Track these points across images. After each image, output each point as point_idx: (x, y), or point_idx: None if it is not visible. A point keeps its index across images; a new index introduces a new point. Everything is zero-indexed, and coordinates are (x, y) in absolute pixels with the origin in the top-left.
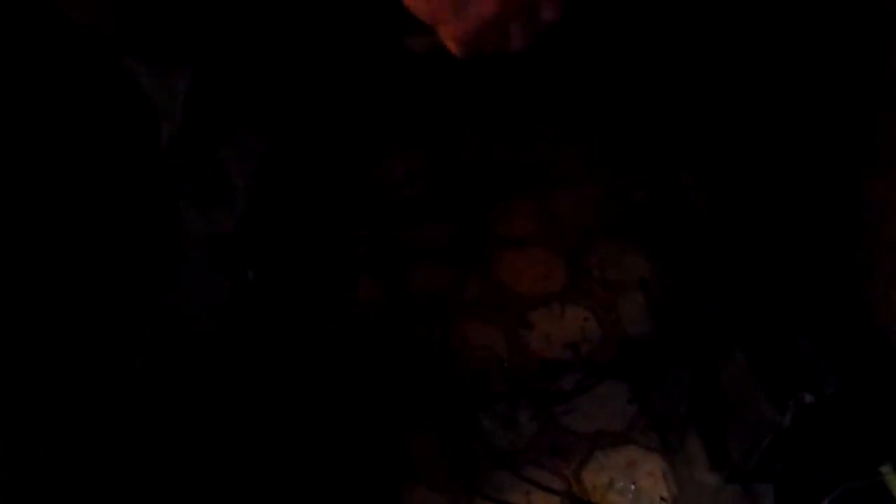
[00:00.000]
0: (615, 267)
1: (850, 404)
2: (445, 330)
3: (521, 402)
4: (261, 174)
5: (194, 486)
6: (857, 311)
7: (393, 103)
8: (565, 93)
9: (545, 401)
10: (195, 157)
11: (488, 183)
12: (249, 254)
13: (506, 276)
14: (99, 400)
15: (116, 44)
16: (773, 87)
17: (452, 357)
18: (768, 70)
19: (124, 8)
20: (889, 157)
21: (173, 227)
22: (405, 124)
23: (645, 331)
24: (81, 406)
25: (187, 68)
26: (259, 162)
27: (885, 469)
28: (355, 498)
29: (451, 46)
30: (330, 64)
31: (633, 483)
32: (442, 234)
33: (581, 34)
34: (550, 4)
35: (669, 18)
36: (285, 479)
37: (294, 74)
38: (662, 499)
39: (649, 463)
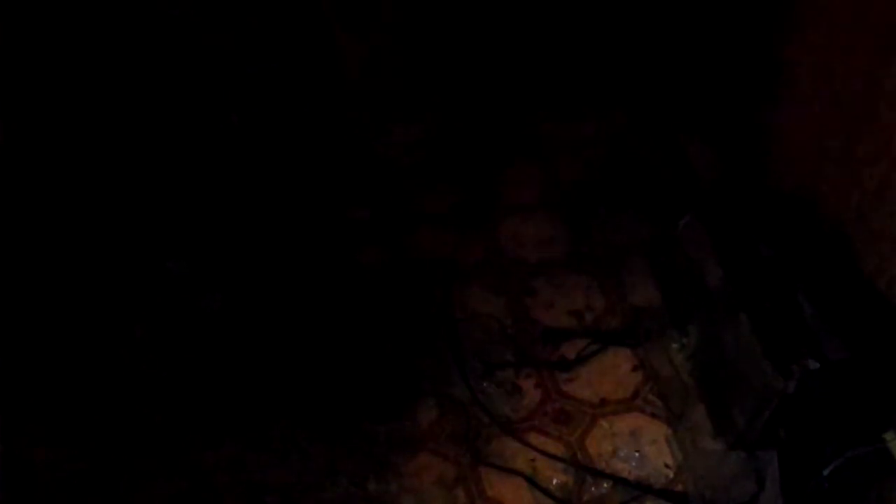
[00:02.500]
0: (618, 232)
1: (854, 371)
2: (448, 296)
3: (524, 370)
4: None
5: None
6: (859, 277)
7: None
8: (567, 60)
9: (549, 368)
10: None
11: (490, 150)
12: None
13: (509, 243)
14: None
15: None
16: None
17: (455, 323)
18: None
19: None
20: None
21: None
22: (406, 93)
23: (648, 297)
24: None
25: None
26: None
27: (889, 436)
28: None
29: None
30: None
31: (638, 450)
32: (445, 201)
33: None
34: None
35: None
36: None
37: None
38: (667, 465)
39: (653, 430)
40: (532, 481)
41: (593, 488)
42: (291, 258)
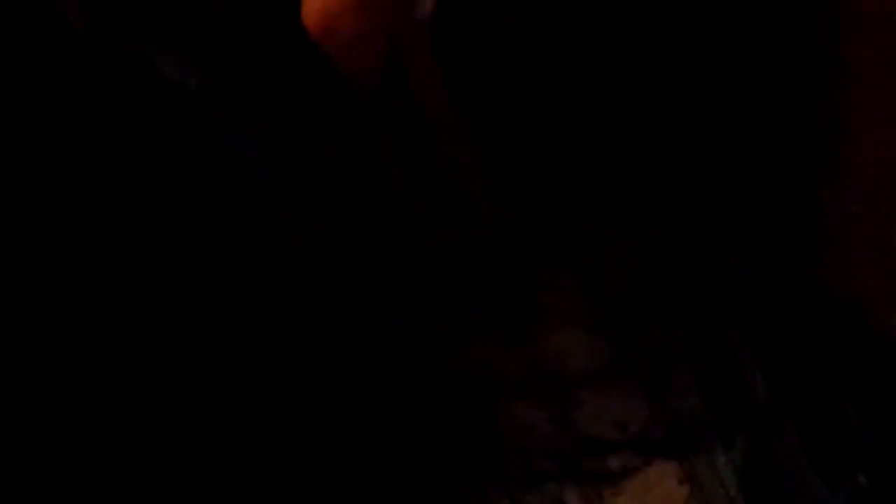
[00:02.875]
0: (661, 342)
1: None
2: (491, 407)
3: (568, 483)
4: None
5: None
6: None
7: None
8: (607, 166)
9: (594, 481)
10: None
11: (532, 259)
12: None
13: (552, 353)
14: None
15: None
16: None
17: (498, 436)
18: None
19: None
20: None
21: None
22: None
23: (693, 407)
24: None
25: None
26: None
27: None
28: None
29: None
30: None
31: None
32: (487, 310)
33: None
34: None
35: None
36: None
37: None
38: None
39: None
40: None
41: None
42: (329, 368)
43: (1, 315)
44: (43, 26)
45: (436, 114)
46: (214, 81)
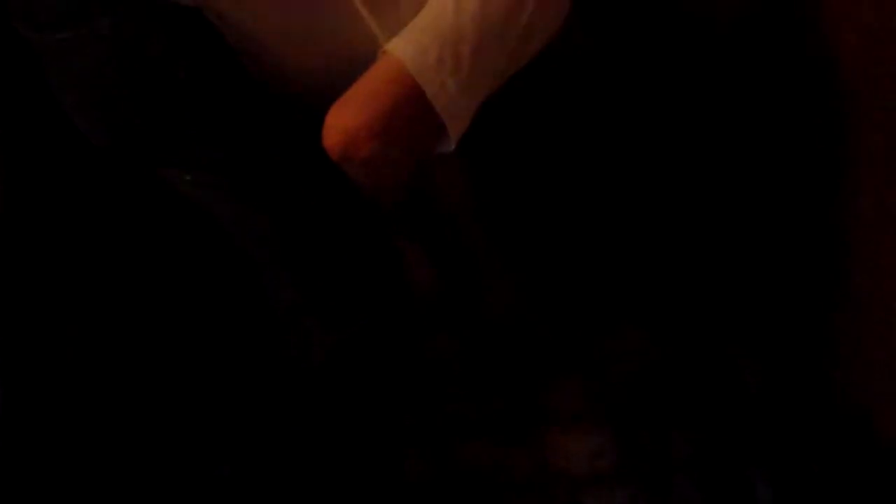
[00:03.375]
0: (667, 446)
1: None
2: None
3: None
4: None
5: None
6: None
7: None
8: (611, 270)
9: None
10: None
11: (536, 359)
12: None
13: (556, 455)
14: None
15: None
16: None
17: None
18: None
19: None
20: None
21: None
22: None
23: None
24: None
25: None
26: None
27: None
28: None
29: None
30: None
31: None
32: (490, 410)
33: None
34: None
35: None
36: None
37: None
38: None
39: None
40: None
41: None
42: (333, 467)
43: None
44: (65, 143)
45: (462, 225)
46: (236, 200)
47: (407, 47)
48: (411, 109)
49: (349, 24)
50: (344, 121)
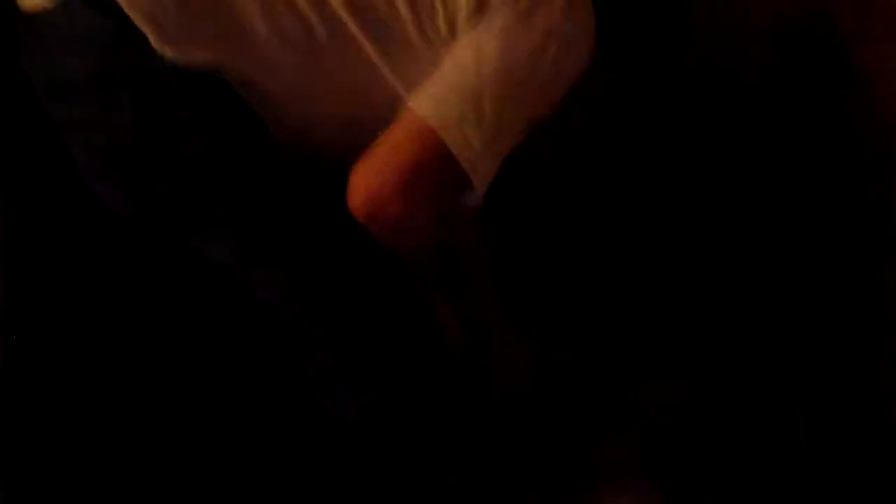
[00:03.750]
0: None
1: None
2: None
3: None
4: None
5: None
6: None
7: None
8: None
9: None
10: None
11: (582, 415)
12: None
13: None
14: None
15: None
16: None
17: None
18: None
19: None
20: None
21: None
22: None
23: None
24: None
25: None
26: None
27: None
28: None
29: None
30: None
31: None
32: (538, 468)
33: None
34: None
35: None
36: None
37: None
38: None
39: None
40: None
41: None
42: None
43: None
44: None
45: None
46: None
47: (428, 103)
48: (436, 166)
49: (369, 80)
50: (368, 180)
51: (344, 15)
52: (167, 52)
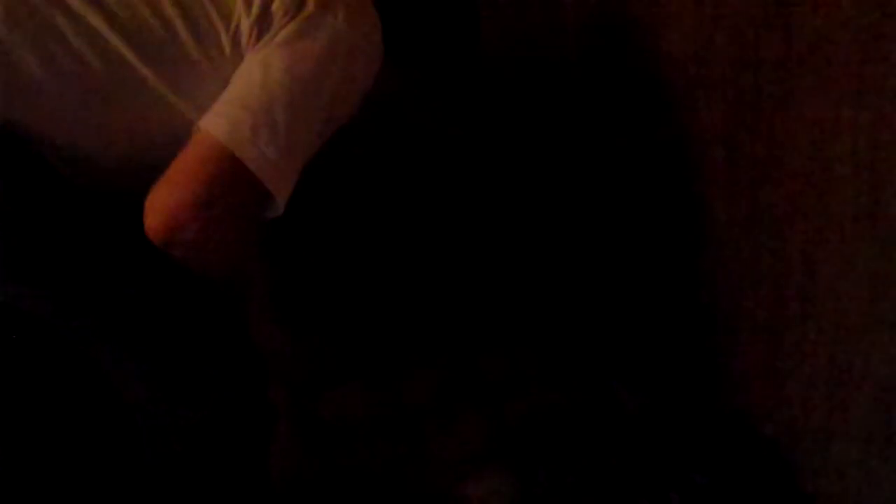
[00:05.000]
0: (566, 478)
1: None
2: None
3: None
4: None
5: None
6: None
7: None
8: (502, 310)
9: None
10: None
11: (426, 398)
12: None
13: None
14: None
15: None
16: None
17: None
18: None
19: None
20: None
21: None
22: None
23: None
24: None
25: None
26: None
27: None
28: None
29: None
30: None
31: None
32: (382, 457)
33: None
34: None
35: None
36: None
37: None
38: None
39: None
40: None
41: None
42: None
43: None
44: None
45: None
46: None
47: (219, 122)
48: (233, 183)
49: (157, 109)
50: (162, 203)
51: (118, 44)
52: None
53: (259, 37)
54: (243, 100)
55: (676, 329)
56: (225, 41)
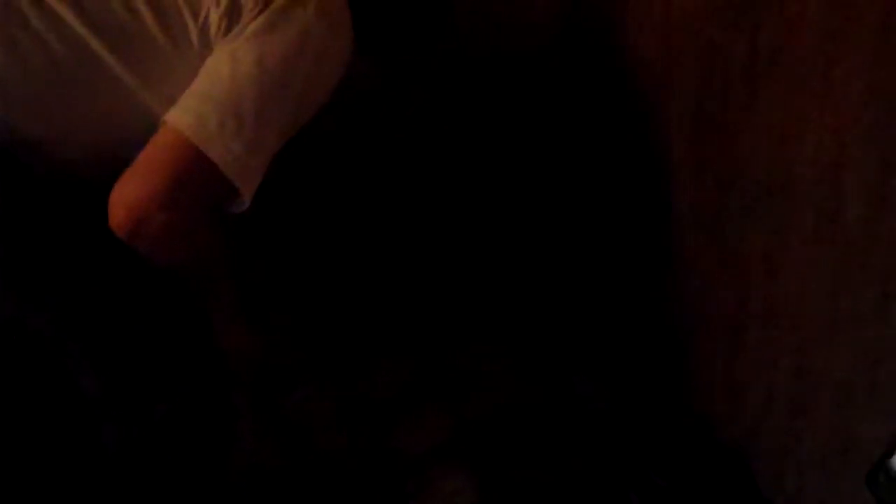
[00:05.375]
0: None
1: None
2: None
3: None
4: None
5: None
6: (759, 498)
7: None
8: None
9: None
10: None
11: (389, 393)
12: None
13: (416, 496)
14: None
15: None
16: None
17: None
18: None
19: None
20: None
21: None
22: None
23: None
24: None
25: None
26: None
27: None
28: None
29: None
30: None
31: None
32: (345, 451)
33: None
34: None
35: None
36: None
37: None
38: None
39: None
40: None
41: None
42: None
43: None
44: None
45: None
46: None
47: (185, 116)
48: (198, 177)
49: (123, 98)
50: (127, 197)
51: (84, 32)
52: None
53: (228, 28)
54: (210, 93)
55: (640, 331)
56: (194, 32)
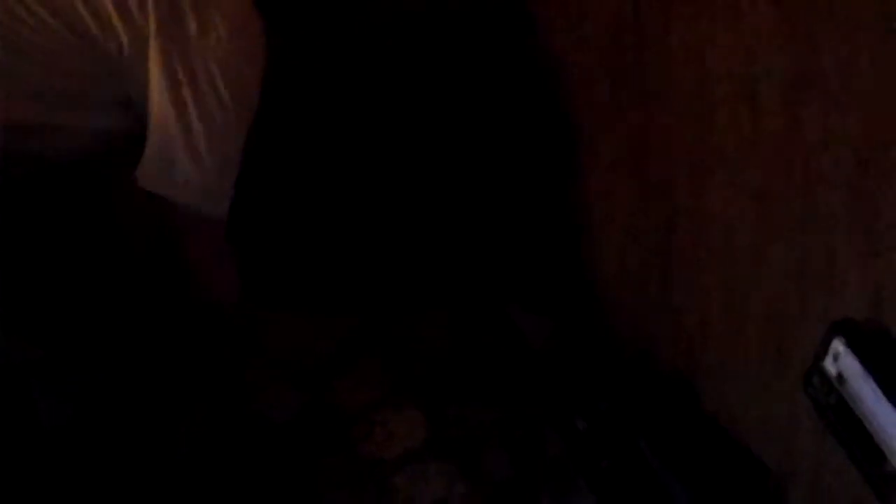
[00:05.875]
0: (473, 417)
1: None
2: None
3: None
4: None
5: None
6: (703, 417)
7: None
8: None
9: None
10: None
11: (330, 352)
12: None
13: (365, 443)
14: None
15: None
16: None
17: None
18: None
19: None
20: None
21: None
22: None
23: (506, 475)
24: None
25: None
26: None
27: None
28: None
29: None
30: None
31: None
32: (291, 409)
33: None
34: None
35: None
36: None
37: None
38: None
39: None
40: None
41: None
42: None
43: None
44: None
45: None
46: None
47: (147, 170)
48: (195, 222)
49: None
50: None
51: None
52: None
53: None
54: (161, 147)
55: (571, 262)
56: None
